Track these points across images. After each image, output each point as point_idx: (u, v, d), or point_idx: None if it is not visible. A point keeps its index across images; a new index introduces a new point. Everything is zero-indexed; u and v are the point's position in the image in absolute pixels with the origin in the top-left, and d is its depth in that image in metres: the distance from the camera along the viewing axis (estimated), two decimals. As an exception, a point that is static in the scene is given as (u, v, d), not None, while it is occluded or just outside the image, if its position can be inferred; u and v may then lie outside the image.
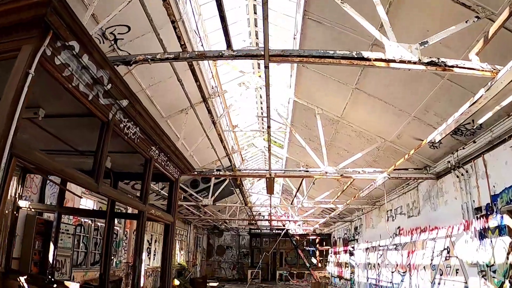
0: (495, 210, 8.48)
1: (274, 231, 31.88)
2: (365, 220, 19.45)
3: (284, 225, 30.11)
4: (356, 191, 15.50)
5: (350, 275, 22.23)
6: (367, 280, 18.36)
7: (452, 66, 4.86)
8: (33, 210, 9.09)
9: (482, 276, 8.90)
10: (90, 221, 13.82)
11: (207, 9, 10.78)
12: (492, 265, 8.46)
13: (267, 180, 9.91)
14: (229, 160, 12.28)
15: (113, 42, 7.89)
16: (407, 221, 13.81)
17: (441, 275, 10.92)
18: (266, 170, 10.10)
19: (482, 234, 9.12)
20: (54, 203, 9.85)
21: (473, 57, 5.00)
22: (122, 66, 5.62)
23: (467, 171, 9.93)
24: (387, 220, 15.94)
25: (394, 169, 10.76)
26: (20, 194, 7.98)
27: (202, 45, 10.55)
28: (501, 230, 8.20)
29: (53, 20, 3.35)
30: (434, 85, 8.38)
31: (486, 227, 8.81)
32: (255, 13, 12.65)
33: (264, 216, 29.77)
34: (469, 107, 5.61)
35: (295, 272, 29.88)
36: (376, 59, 4.90)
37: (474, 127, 9.17)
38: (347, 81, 9.69)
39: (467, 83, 7.63)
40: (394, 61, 4.88)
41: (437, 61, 4.88)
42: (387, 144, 11.62)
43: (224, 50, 5.20)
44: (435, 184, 11.65)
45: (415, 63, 4.88)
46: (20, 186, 7.97)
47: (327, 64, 5.15)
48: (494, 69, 4.81)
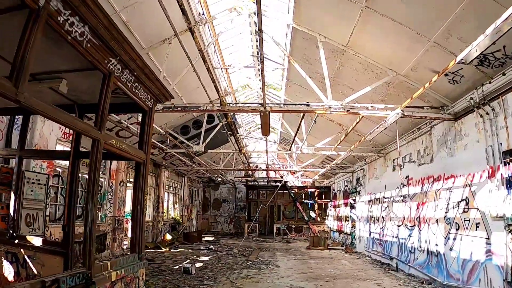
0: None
1: (271, 183, 30.70)
2: (368, 171, 18.05)
3: (282, 177, 28.91)
4: (360, 137, 13.99)
5: (351, 229, 21.12)
6: (370, 234, 17.18)
7: None
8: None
9: (510, 231, 7.55)
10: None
11: None
12: (523, 217, 7.09)
13: (262, 115, 8.33)
14: (221, 103, 10.71)
15: None
16: (417, 169, 12.37)
17: (457, 229, 9.57)
18: (260, 104, 8.52)
19: (511, 182, 7.70)
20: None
21: None
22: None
23: (493, 109, 8.44)
24: (393, 169, 14.51)
25: (407, 107, 9.19)
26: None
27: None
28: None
29: None
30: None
31: (517, 173, 7.36)
32: None
33: (261, 167, 28.48)
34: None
35: (293, 226, 28.89)
36: None
37: (505, 56, 7.64)
38: (355, -2, 7.96)
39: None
40: None
41: None
42: (399, 80, 10.01)
43: None
44: (453, 126, 10.11)
45: None
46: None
47: None
48: None
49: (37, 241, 6.41)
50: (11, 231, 6.88)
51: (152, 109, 6.74)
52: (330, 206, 28.35)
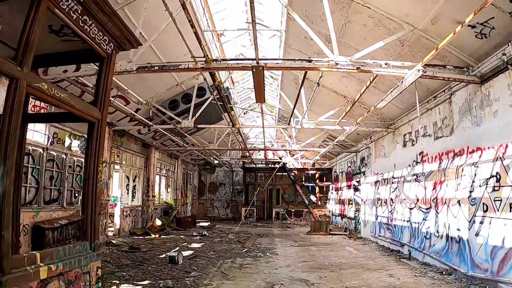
0: None
1: (270, 165, 29.19)
2: (374, 149, 16.54)
3: (280, 158, 27.43)
4: (366, 110, 12.48)
5: (355, 213, 19.70)
6: (376, 218, 15.74)
7: None
8: None
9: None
10: (41, 150, 11.05)
11: None
12: None
13: (254, 72, 6.77)
14: (205, 59, 9.17)
15: None
16: (433, 144, 10.87)
17: (485, 211, 8.13)
18: (252, 59, 6.97)
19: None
20: None
21: None
22: None
23: (531, 67, 6.96)
24: (405, 145, 13.01)
25: (427, 65, 7.66)
26: None
27: None
28: None
29: None
30: None
31: None
32: None
33: (257, 147, 27.03)
34: None
35: (293, 210, 27.42)
36: None
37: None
38: None
39: None
40: None
41: None
42: (416, 36, 8.48)
43: None
44: (479, 91, 8.62)
45: None
46: None
47: None
48: None
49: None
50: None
51: (112, 57, 5.25)
52: (332, 189, 26.91)
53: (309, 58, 7.16)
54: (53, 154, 11.74)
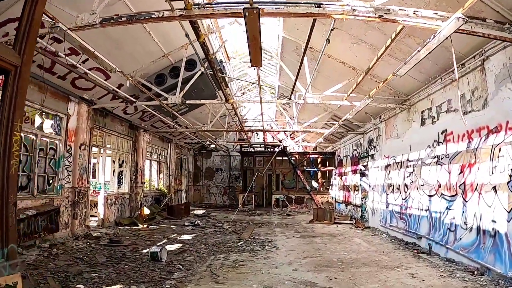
0: None
1: (269, 149, 27.52)
2: (384, 130, 14.89)
3: (280, 141, 25.81)
4: (378, 83, 10.86)
5: (361, 200, 18.14)
6: (387, 206, 14.17)
7: None
8: None
9: None
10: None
11: None
12: None
13: (247, 17, 5.09)
14: (202, 46, 7.57)
15: None
16: (459, 121, 9.23)
17: (531, 198, 6.56)
18: (244, 2, 5.31)
19: None
20: None
21: None
22: None
23: None
24: (423, 123, 11.39)
25: (469, 17, 6.01)
26: None
27: None
28: None
29: None
30: None
31: None
32: None
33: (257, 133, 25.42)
34: None
35: (293, 196, 25.83)
36: None
37: None
38: None
39: None
40: None
41: None
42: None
43: None
44: (522, 51, 6.99)
45: None
46: None
47: None
48: None
49: None
50: None
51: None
52: (335, 174, 25.33)
53: (319, 2, 5.48)
54: (21, 135, 10.13)
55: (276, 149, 25.18)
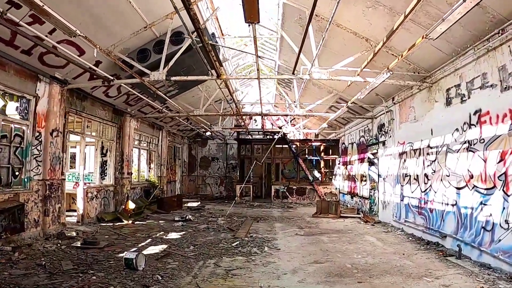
0: None
1: (268, 136, 25.79)
2: (399, 113, 13.18)
3: (280, 128, 24.13)
4: (396, 56, 9.20)
5: (370, 192, 16.52)
6: (402, 199, 12.53)
7: None
8: None
9: None
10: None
11: None
12: None
13: None
14: (191, 17, 5.95)
15: None
16: (499, 98, 7.59)
17: None
18: None
19: None
20: None
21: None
22: None
23: None
24: (449, 103, 9.72)
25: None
26: None
27: None
28: None
29: None
30: None
31: None
32: None
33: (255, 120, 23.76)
34: None
35: (294, 187, 24.15)
36: None
37: None
38: None
39: None
40: None
41: None
42: None
43: None
44: None
45: None
46: None
47: None
48: None
49: None
50: None
51: None
52: (339, 163, 23.68)
53: None
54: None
55: (276, 136, 23.41)
